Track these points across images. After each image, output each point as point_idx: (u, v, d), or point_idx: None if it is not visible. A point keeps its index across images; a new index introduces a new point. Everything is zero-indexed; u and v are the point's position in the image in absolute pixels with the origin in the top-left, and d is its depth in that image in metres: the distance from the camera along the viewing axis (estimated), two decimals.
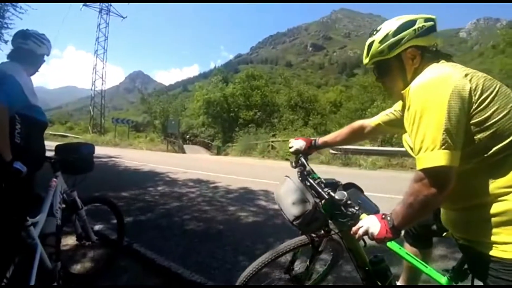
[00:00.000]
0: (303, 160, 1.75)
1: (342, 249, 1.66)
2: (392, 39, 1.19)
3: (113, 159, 11.62)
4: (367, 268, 1.48)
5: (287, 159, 14.00)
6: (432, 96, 1.01)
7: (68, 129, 34.48)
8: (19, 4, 9.20)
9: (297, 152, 1.86)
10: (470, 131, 1.01)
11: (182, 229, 3.72)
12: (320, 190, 1.40)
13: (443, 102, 0.98)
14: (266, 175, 8.07)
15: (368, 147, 13.04)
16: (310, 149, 1.89)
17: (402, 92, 1.16)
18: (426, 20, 1.18)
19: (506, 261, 0.96)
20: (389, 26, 1.22)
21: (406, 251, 1.41)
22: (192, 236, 3.49)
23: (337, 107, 39.36)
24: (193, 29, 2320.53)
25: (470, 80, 1.01)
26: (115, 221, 2.79)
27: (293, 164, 1.78)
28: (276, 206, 4.46)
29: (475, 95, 0.99)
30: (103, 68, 35.69)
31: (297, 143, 1.87)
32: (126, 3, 36.62)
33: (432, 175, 0.98)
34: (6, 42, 9.71)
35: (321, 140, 1.91)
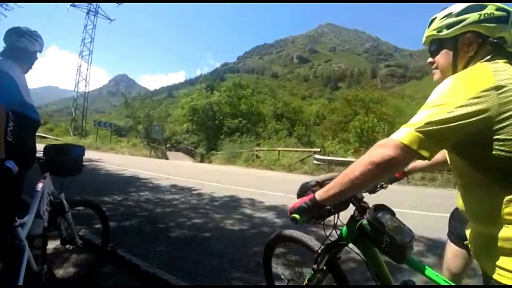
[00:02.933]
0: None
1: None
2: (454, 19, 1.08)
3: (94, 162, 11.37)
4: None
5: (271, 169, 14.08)
6: (454, 88, 0.93)
7: (48, 130, 33.31)
8: (5, 3, 9.02)
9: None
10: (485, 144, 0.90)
11: (167, 235, 3.68)
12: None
13: (459, 98, 0.88)
14: (250, 184, 8.09)
15: (351, 158, 13.30)
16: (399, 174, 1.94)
17: None
18: (499, 9, 1.03)
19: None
20: (456, 6, 1.10)
21: (444, 278, 1.15)
22: (177, 243, 3.46)
23: (320, 119, 40.09)
24: (181, 35, 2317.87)
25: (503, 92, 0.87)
26: (99, 225, 2.75)
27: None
28: (262, 214, 4.48)
29: (500, 113, 0.87)
30: (87, 69, 35.02)
31: None
32: (116, 5, 36.11)
33: (391, 146, 0.91)
34: None
35: (410, 165, 1.82)
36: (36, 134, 2.23)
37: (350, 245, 1.36)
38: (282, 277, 2.13)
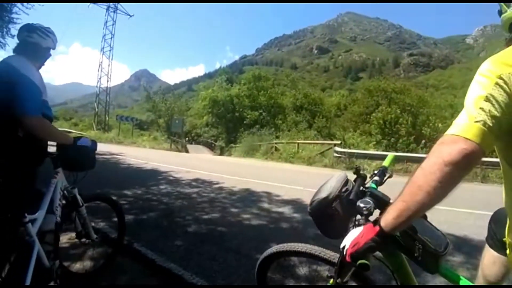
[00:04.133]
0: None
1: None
2: None
3: (116, 156, 11.61)
4: None
5: (290, 162, 13.94)
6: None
7: (73, 125, 34.67)
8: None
9: None
10: None
11: (184, 230, 3.66)
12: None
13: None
14: (269, 177, 8.01)
15: (372, 151, 12.96)
16: None
17: None
18: None
19: None
20: None
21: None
22: (194, 237, 3.43)
23: (341, 111, 39.29)
24: (200, 29, 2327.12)
25: None
26: (115, 219, 2.75)
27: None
28: (279, 209, 4.38)
29: None
30: (108, 65, 35.82)
31: None
32: (134, 2, 36.57)
33: (461, 141, 0.79)
34: (13, 36, 9.80)
35: None
36: (61, 129, 2.20)
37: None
38: None
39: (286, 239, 3.18)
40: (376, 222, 0.88)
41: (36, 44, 1.96)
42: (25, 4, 8.92)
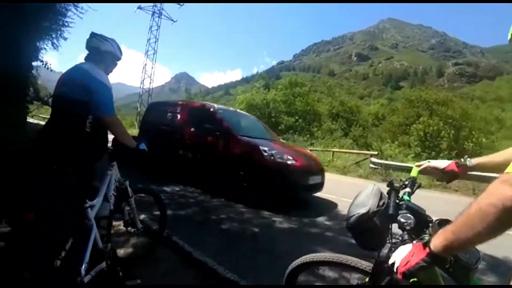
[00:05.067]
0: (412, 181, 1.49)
1: None
2: None
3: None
4: None
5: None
6: None
7: None
8: (81, 5, 9.96)
9: (433, 171, 1.56)
10: None
11: (219, 227, 3.81)
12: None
13: None
14: None
15: (411, 164, 12.46)
16: (459, 167, 1.49)
17: None
18: None
19: None
20: None
21: None
22: (227, 235, 3.57)
23: (379, 120, 38.11)
24: (239, 33, 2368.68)
25: None
26: (157, 212, 2.96)
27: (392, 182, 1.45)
28: (312, 217, 4.39)
29: None
30: (152, 68, 37.59)
31: (437, 162, 1.55)
32: (178, 6, 38.19)
33: None
34: (65, 39, 10.44)
35: (475, 160, 1.48)
36: None
37: None
38: None
39: (318, 246, 3.25)
40: (427, 244, 0.89)
41: (96, 48, 2.17)
42: (78, 8, 9.64)
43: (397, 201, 1.32)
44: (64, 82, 2.03)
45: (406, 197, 1.37)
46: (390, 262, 0.99)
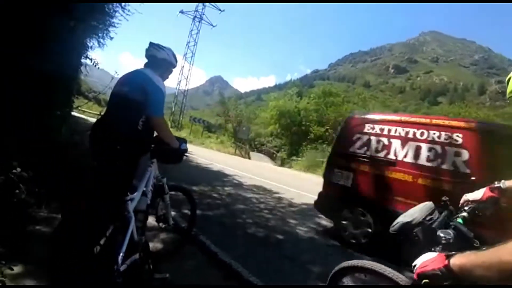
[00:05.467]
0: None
1: None
2: None
3: (186, 154, 12.50)
4: None
5: None
6: None
7: None
8: (128, 7, 10.50)
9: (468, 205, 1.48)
10: None
11: (244, 231, 3.89)
12: None
13: None
14: None
15: None
16: (494, 191, 1.45)
17: None
18: None
19: None
20: None
21: None
22: (252, 239, 3.64)
23: None
24: (275, 40, 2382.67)
25: None
26: (187, 211, 3.12)
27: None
28: None
29: None
30: (189, 70, 38.77)
31: (472, 194, 1.50)
32: (219, 12, 39.23)
33: None
34: (111, 38, 11.00)
35: (509, 183, 1.42)
36: None
37: None
38: None
39: (340, 258, 3.21)
40: (449, 257, 0.90)
41: (153, 56, 2.36)
42: (125, 10, 10.17)
43: (449, 221, 1.32)
44: (125, 82, 2.24)
45: (459, 220, 1.35)
46: (413, 264, 1.02)
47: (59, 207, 3.03)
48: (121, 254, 1.83)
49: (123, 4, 9.76)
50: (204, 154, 14.83)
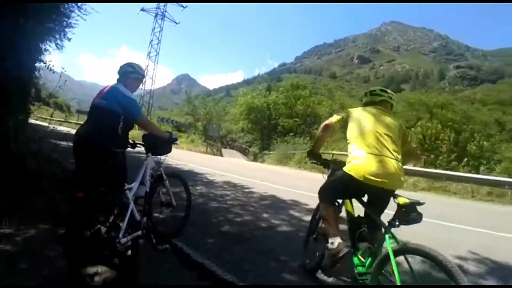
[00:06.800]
0: None
1: None
2: None
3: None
4: None
5: (323, 172, 13.80)
6: None
7: None
8: (84, 6, 10.04)
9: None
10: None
11: (218, 229, 3.87)
12: None
13: None
14: (301, 186, 8.06)
15: (410, 167, 12.48)
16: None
17: None
18: None
19: None
20: None
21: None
22: (227, 237, 3.62)
23: None
24: (242, 35, 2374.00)
25: None
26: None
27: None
28: (309, 218, 4.43)
29: None
30: (153, 69, 37.70)
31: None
32: (181, 9, 38.36)
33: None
34: (69, 39, 10.50)
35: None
36: None
37: None
38: None
39: (317, 248, 3.28)
40: None
41: (123, 72, 2.91)
42: (82, 10, 9.71)
43: None
44: (104, 96, 2.70)
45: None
46: None
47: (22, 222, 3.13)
48: (122, 231, 2.38)
49: (79, 4, 9.32)
50: (174, 154, 14.49)
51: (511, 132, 35.05)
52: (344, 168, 2.31)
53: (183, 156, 13.91)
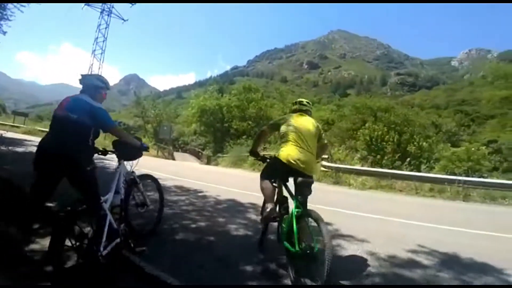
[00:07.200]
0: None
1: None
2: None
3: (103, 160, 11.43)
4: None
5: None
6: None
7: None
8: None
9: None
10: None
11: (172, 237, 3.68)
12: None
13: None
14: (256, 188, 8.04)
15: (358, 167, 13.20)
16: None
17: None
18: None
19: None
20: None
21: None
22: (182, 245, 3.46)
23: (329, 125, 39.84)
24: (193, 36, 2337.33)
25: None
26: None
27: None
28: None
29: None
30: (99, 68, 35.60)
31: None
32: (130, 5, 36.66)
33: None
34: (4, 33, 9.57)
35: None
36: (45, 129, 4.04)
37: None
38: None
39: (276, 253, 3.28)
40: None
41: (86, 84, 2.87)
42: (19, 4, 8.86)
43: None
44: (72, 109, 2.63)
45: None
46: None
47: None
48: (102, 243, 2.46)
49: None
50: None
51: (446, 133, 38.77)
52: (276, 154, 3.20)
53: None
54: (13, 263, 2.50)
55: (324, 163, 13.07)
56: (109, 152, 3.06)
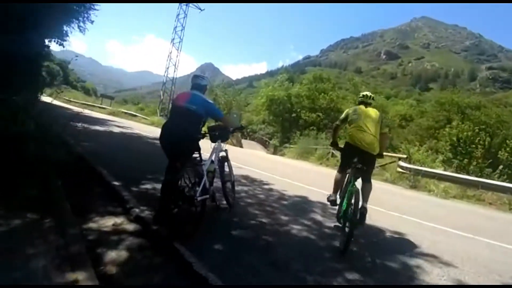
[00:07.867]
0: None
1: None
2: None
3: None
4: None
5: None
6: None
7: (139, 110, 36.75)
8: None
9: None
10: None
11: (228, 232, 3.39)
12: None
13: None
14: (323, 185, 7.44)
15: (440, 171, 11.53)
16: None
17: None
18: None
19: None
20: None
21: None
22: (237, 243, 3.15)
23: (407, 122, 36.57)
24: (266, 26, 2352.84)
25: None
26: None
27: None
28: (333, 224, 3.90)
29: None
30: (177, 56, 37.45)
31: None
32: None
33: None
34: (92, 22, 10.32)
35: None
36: (128, 112, 10.74)
37: None
38: None
39: (338, 261, 2.78)
40: None
41: (198, 83, 3.79)
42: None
43: None
44: (191, 101, 3.50)
45: None
46: None
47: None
48: (198, 192, 3.14)
49: None
50: None
51: None
52: (346, 140, 4.02)
53: (202, 146, 13.55)
54: None
55: (401, 163, 11.77)
56: (206, 135, 3.79)
